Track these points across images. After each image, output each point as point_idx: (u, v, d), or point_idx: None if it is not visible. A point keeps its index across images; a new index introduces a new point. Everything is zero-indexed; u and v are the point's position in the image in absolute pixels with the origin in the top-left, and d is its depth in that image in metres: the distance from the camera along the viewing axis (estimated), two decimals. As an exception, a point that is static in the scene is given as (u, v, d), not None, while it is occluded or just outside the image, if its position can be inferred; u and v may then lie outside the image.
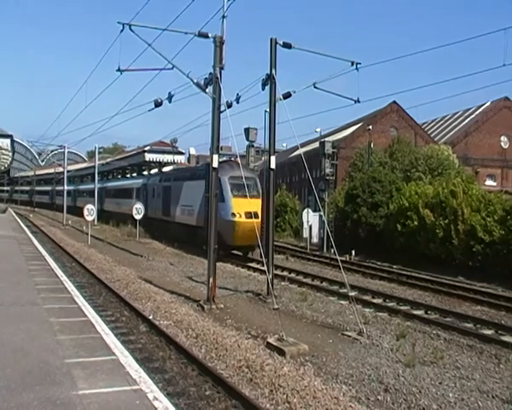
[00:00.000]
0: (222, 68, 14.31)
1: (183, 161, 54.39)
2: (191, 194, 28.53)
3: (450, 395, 8.29)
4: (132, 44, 14.65)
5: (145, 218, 34.73)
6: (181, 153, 53.51)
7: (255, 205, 21.99)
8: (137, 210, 33.38)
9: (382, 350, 10.61)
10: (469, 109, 63.27)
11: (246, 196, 20.79)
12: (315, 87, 16.73)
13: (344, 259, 22.69)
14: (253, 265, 22.75)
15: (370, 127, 44.95)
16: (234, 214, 23.66)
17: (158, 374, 8.82)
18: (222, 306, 14.24)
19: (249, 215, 21.00)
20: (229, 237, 23.73)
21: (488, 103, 61.21)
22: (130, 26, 13.77)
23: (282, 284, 17.99)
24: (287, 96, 16.02)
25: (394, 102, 54.37)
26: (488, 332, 12.52)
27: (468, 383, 8.89)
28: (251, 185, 24.00)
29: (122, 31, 13.84)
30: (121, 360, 7.86)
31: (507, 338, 11.95)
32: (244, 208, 22.95)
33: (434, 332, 12.07)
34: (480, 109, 61.53)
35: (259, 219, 21.28)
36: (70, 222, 47.00)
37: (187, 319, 12.47)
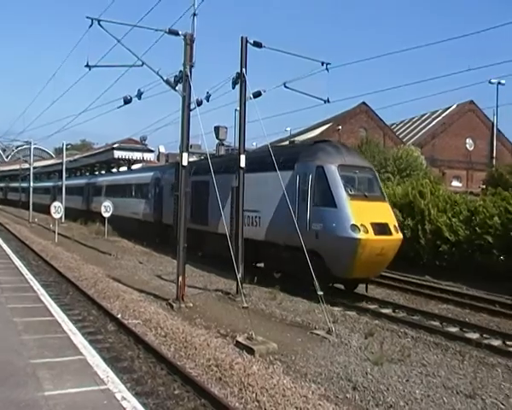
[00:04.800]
0: (192, 66, 14.23)
1: (152, 159, 53.88)
2: (252, 193, 17.51)
3: (417, 391, 8.42)
4: (102, 40, 14.44)
5: (158, 224, 28.22)
6: (150, 151, 53.02)
7: (383, 211, 15.76)
8: (106, 208, 32.95)
9: (351, 349, 10.70)
10: (436, 112, 64.48)
11: (367, 198, 15.52)
12: (285, 87, 16.83)
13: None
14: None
15: (340, 127, 45.43)
16: (356, 228, 14.61)
17: (126, 374, 8.72)
18: (191, 304, 14.16)
19: (380, 229, 14.94)
20: (345, 265, 14.97)
21: (454, 106, 62.50)
22: (99, 21, 13.58)
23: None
24: (257, 95, 16.06)
25: (364, 102, 55.04)
26: (453, 330, 12.79)
27: (433, 379, 9.05)
28: (371, 181, 16.70)
29: (91, 26, 13.64)
30: (89, 359, 7.75)
31: (471, 335, 12.24)
32: (370, 217, 14.98)
33: (402, 330, 12.24)
34: (447, 112, 62.80)
35: (399, 235, 15.69)
36: (36, 220, 46.10)
37: (156, 317, 12.37)
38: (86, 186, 47.25)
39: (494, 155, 48.78)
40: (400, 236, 15.54)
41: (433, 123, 63.07)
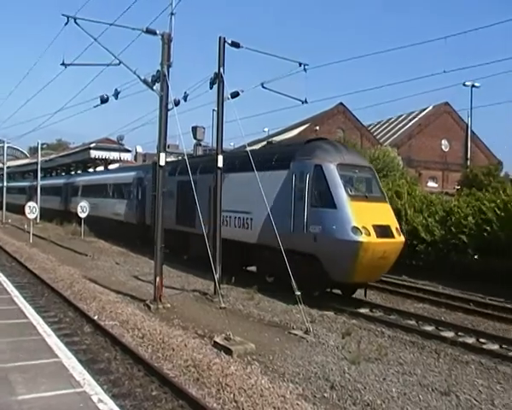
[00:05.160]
0: (170, 66, 14.16)
1: (129, 159, 53.46)
2: (243, 193, 17.43)
3: (394, 390, 8.51)
4: (78, 38, 14.29)
5: (140, 226, 27.19)
6: (127, 151, 52.57)
7: (384, 213, 15.04)
8: (82, 208, 32.60)
9: (328, 348, 10.76)
10: (413, 113, 65.23)
11: (368, 199, 14.84)
12: (263, 87, 16.85)
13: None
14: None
15: (317, 128, 45.65)
16: (357, 230, 13.79)
17: (103, 376, 8.64)
18: (169, 305, 14.09)
19: (383, 231, 14.20)
20: (345, 269, 14.19)
21: (430, 108, 63.31)
22: (75, 19, 13.44)
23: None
24: (235, 95, 16.06)
25: (341, 103, 55.42)
26: (429, 328, 12.94)
27: (410, 378, 9.15)
28: (371, 181, 15.96)
29: (67, 23, 13.50)
30: (64, 362, 7.66)
31: (446, 334, 12.41)
32: (371, 219, 14.21)
33: (379, 330, 12.35)
34: (423, 113, 63.57)
35: (401, 238, 14.95)
36: (10, 220, 45.36)
37: (133, 318, 12.29)
38: (65, 186, 46.27)
39: (469, 156, 49.60)
40: (402, 238, 14.96)
41: (410, 124, 63.81)
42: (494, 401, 8.24)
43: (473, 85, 41.74)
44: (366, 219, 14.09)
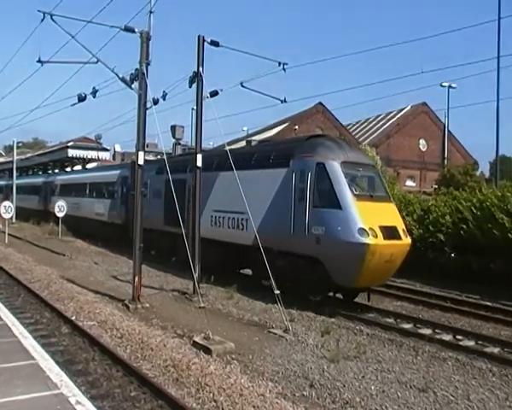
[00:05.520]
0: (148, 64, 14.08)
1: (107, 158, 52.97)
2: (237, 193, 15.42)
3: (372, 387, 8.58)
4: (55, 35, 14.13)
5: (126, 226, 25.44)
6: (106, 149, 52.11)
7: (390, 213, 14.39)
8: (60, 208, 32.19)
9: (308, 347, 10.81)
10: (391, 113, 65.76)
11: (373, 198, 14.10)
12: (242, 86, 16.86)
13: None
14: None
15: (297, 127, 45.75)
16: (364, 231, 13.05)
17: (81, 377, 8.55)
18: (147, 305, 14.01)
19: (389, 233, 13.51)
20: (350, 273, 13.44)
21: (408, 108, 63.90)
22: (51, 15, 13.26)
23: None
24: (214, 94, 16.03)
25: (320, 103, 55.62)
26: (407, 326, 13.07)
27: (388, 375, 9.23)
28: (375, 179, 15.24)
29: (43, 20, 13.32)
30: (41, 363, 7.55)
31: (424, 331, 12.57)
32: (378, 220, 13.52)
33: (358, 328, 12.43)
34: (401, 113, 64.13)
35: (408, 240, 14.32)
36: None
37: (111, 319, 12.19)
38: (44, 185, 45.19)
39: (446, 155, 50.25)
40: (409, 240, 14.33)
41: (388, 124, 64.33)
42: (470, 397, 8.37)
43: (450, 86, 42.30)
44: (372, 220, 13.36)
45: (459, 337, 12.12)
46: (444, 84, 40.86)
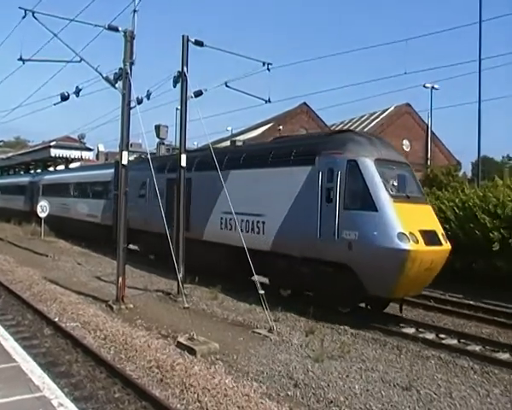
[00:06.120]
0: (132, 64, 14.00)
1: (91, 158, 52.56)
2: (253, 193, 15.63)
3: (356, 386, 8.63)
4: (37, 32, 14.00)
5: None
6: (89, 149, 51.67)
7: (428, 216, 13.37)
8: (42, 208, 31.84)
9: (292, 346, 10.83)
10: (375, 113, 66.12)
11: (410, 200, 12.98)
12: (226, 86, 16.86)
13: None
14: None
15: (281, 127, 45.79)
16: (404, 237, 11.92)
17: (64, 379, 8.47)
18: (131, 306, 13.94)
19: (430, 238, 12.44)
20: (387, 283, 12.29)
21: (392, 108, 64.30)
22: (33, 12, 13.12)
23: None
24: (198, 94, 16.03)
25: (304, 103, 55.77)
26: (391, 325, 13.13)
27: (372, 374, 9.30)
28: (410, 179, 14.01)
29: (24, 17, 13.19)
30: (23, 366, 7.47)
31: (407, 330, 12.66)
32: (417, 224, 12.46)
33: (342, 328, 12.47)
34: (385, 113, 64.47)
35: (448, 245, 13.21)
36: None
37: (95, 320, 12.11)
38: (30, 185, 43.58)
39: (429, 156, 50.64)
40: (449, 246, 13.23)
41: (372, 124, 64.60)
42: (452, 394, 8.47)
43: (432, 87, 42.66)
44: (412, 223, 12.25)
45: (442, 336, 12.25)
46: (427, 85, 41.22)
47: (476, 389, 8.78)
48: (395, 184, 13.08)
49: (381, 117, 64.64)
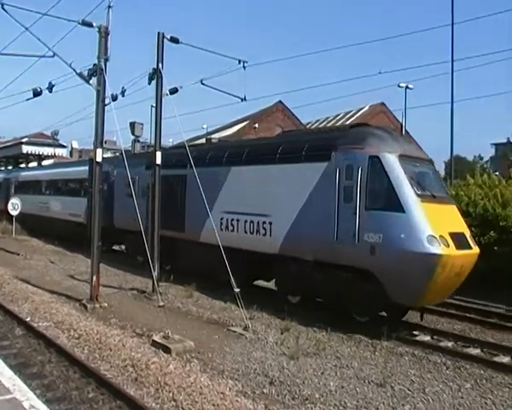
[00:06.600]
0: (107, 60, 13.86)
1: (64, 155, 51.81)
2: (258, 191, 14.56)
3: (331, 383, 8.69)
4: (7, 26, 13.72)
5: (106, 229, 20.06)
6: (63, 146, 50.92)
7: (455, 217, 12.61)
8: (13, 205, 31.21)
9: (267, 344, 10.86)
10: (350, 112, 66.65)
11: (436, 200, 12.12)
12: (202, 83, 16.80)
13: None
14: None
15: (257, 125, 45.83)
16: (435, 239, 11.08)
17: (36, 380, 8.33)
18: (106, 304, 13.82)
19: (460, 241, 11.65)
20: (415, 290, 11.46)
21: (367, 107, 64.93)
22: (2, 4, 12.85)
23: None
24: (173, 91, 15.99)
25: (280, 101, 55.90)
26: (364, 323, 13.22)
27: (347, 371, 9.38)
28: (434, 177, 13.32)
29: (-8, 9, 12.89)
30: (-8, 368, 7.32)
31: (382, 328, 12.74)
32: (446, 226, 11.69)
33: (317, 325, 12.53)
34: (360, 112, 65.09)
35: (477, 249, 12.35)
36: None
37: (68, 319, 11.97)
38: (5, 182, 41.70)
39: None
40: (478, 250, 12.35)
41: (347, 123, 65.18)
42: (425, 390, 8.61)
43: (407, 87, 43.13)
44: (441, 225, 11.43)
45: (415, 333, 12.37)
46: (401, 84, 41.66)
47: (448, 384, 8.94)
48: (420, 182, 12.20)
49: (356, 116, 65.17)
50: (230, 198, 15.29)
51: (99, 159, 14.04)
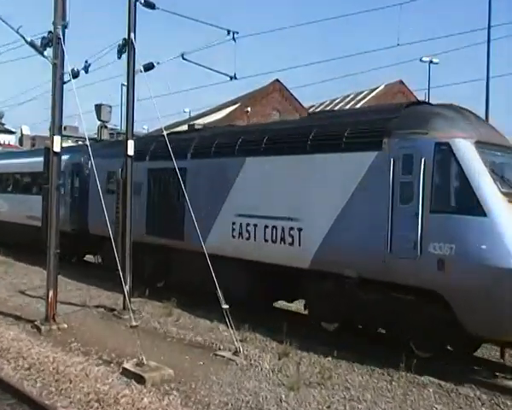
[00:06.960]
0: (66, 27, 13.78)
1: (12, 143, 51.61)
2: (283, 189, 13.79)
3: (340, 420, 8.67)
4: None
5: (78, 236, 22.25)
6: (10, 132, 50.76)
7: None
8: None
9: (262, 372, 10.84)
10: (362, 93, 66.83)
11: None
12: (183, 58, 16.71)
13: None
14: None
15: (249, 109, 45.89)
16: None
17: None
18: (65, 326, 13.78)
19: None
20: (499, 318, 10.29)
21: (382, 87, 65.12)
22: None
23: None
24: (149, 67, 15.82)
25: (277, 80, 56.03)
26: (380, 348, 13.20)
27: (358, 405, 9.35)
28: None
29: None
30: None
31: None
32: None
33: (321, 349, 12.51)
34: (374, 93, 65.28)
35: None
36: None
37: (16, 345, 11.91)
38: None
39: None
40: None
41: (358, 106, 65.32)
42: (455, 430, 8.58)
43: (431, 61, 43.16)
44: None
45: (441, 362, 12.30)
46: (424, 58, 41.75)
47: (483, 424, 8.92)
48: (505, 176, 11.16)
49: (369, 97, 65.35)
50: (245, 197, 14.66)
51: (57, 148, 13.96)
